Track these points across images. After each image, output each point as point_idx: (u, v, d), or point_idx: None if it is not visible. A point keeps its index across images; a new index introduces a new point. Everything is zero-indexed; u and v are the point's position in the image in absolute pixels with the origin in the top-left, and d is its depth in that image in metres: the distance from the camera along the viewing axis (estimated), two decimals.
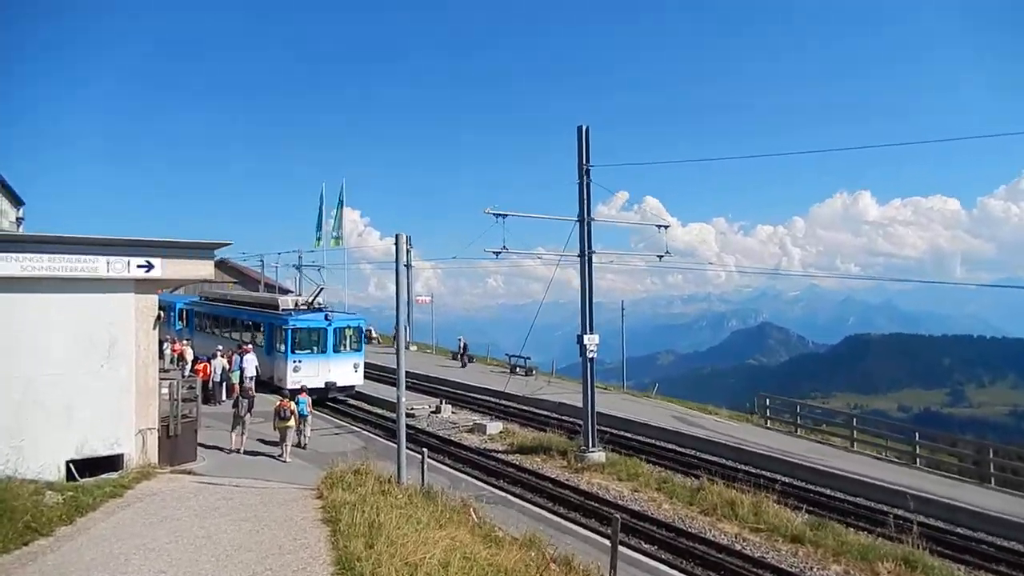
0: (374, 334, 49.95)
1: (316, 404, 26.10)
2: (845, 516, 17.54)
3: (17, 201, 53.86)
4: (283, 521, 9.71)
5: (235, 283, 78.86)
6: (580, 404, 27.82)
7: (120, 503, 11.78)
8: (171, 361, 34.29)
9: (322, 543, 8.28)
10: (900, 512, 17.33)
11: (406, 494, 11.59)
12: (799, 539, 15.47)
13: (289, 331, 26.92)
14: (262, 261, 76.01)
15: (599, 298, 22.51)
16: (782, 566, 14.35)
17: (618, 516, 10.80)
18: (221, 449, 19.48)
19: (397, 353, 13.52)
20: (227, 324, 33.64)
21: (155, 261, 16.42)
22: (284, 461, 18.77)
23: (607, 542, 14.58)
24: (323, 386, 27.06)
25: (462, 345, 40.99)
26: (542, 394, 30.79)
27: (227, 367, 27.26)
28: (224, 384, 26.94)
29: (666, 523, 16.62)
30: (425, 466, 14.19)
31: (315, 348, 27.45)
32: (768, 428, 26.70)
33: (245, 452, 19.31)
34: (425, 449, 15.01)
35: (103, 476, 14.77)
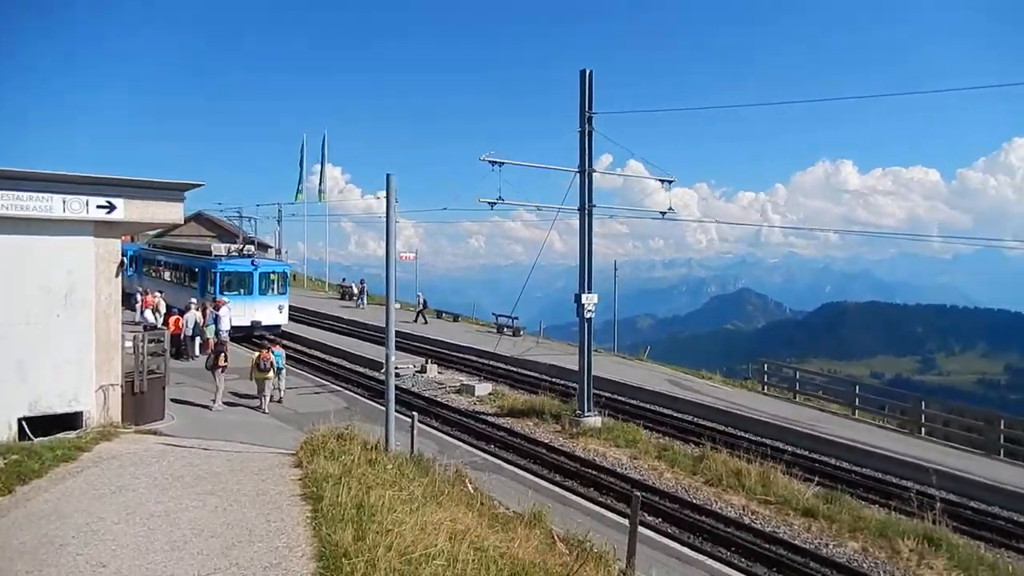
0: (355, 290, 48.53)
1: (242, 340, 28.65)
2: (855, 488, 16.62)
3: None
4: (255, 496, 8.42)
5: (213, 237, 76.70)
6: (572, 366, 26.79)
7: (72, 468, 10.44)
8: (141, 313, 32.81)
9: (301, 527, 6.96)
10: (910, 484, 16.53)
11: (395, 463, 10.36)
12: (812, 513, 14.51)
13: (218, 274, 29.96)
14: (239, 214, 73.73)
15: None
16: (795, 542, 13.42)
17: (638, 495, 9.65)
18: (193, 404, 18.35)
19: (387, 309, 12.16)
20: (171, 269, 36.37)
21: (117, 202, 14.85)
22: (264, 412, 18.36)
23: (613, 515, 13.60)
24: (249, 324, 29.48)
25: (421, 301, 40.83)
26: (531, 355, 29.65)
27: (200, 321, 25.86)
28: (196, 338, 25.57)
29: (669, 493, 15.63)
30: (415, 431, 12.96)
31: (242, 290, 30.23)
32: (766, 394, 25.78)
33: (219, 407, 18.41)
34: (415, 413, 13.76)
35: (59, 436, 13.42)
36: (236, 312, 28.09)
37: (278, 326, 31.24)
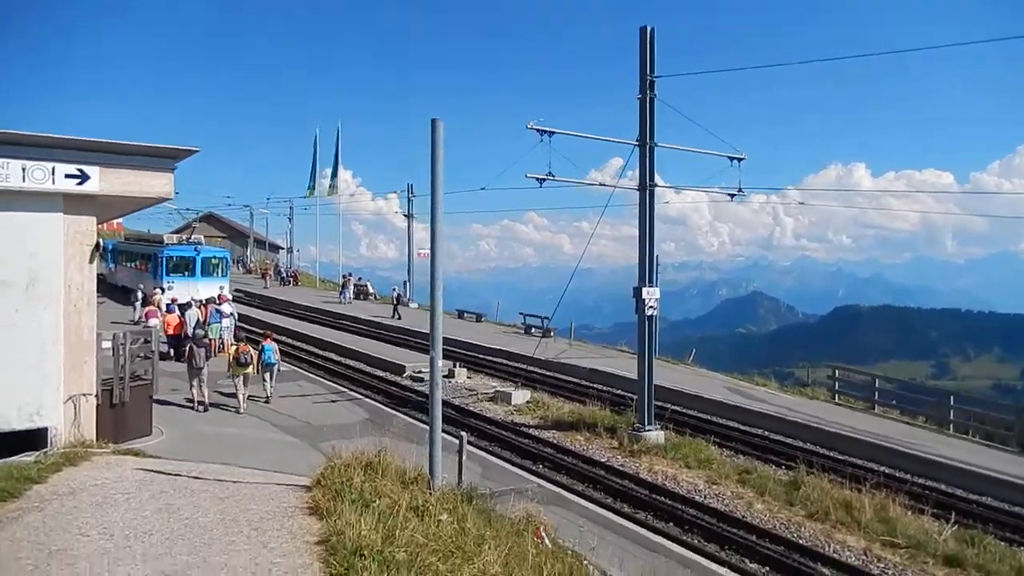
0: (371, 289, 45.96)
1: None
2: (985, 524, 13.64)
3: None
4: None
5: (224, 237, 74.17)
6: (614, 370, 24.06)
7: (8, 512, 7.66)
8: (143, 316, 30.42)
9: None
10: None
11: (450, 510, 7.50)
12: (957, 561, 11.55)
13: (164, 258, 33.91)
14: (251, 212, 71.33)
15: (589, 263, 18.78)
16: None
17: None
18: (187, 408, 15.93)
19: (432, 305, 9.35)
20: (135, 257, 39.65)
21: (91, 170, 12.07)
22: (240, 412, 16.43)
23: (708, 563, 10.74)
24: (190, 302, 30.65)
25: (395, 296, 39.32)
26: (566, 358, 26.75)
27: (201, 319, 23.19)
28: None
29: (768, 531, 12.68)
30: (463, 456, 10.10)
31: (186, 272, 33.94)
32: (838, 404, 22.79)
33: (207, 406, 16.51)
34: (464, 433, 10.90)
35: (12, 460, 10.66)
36: (179, 291, 30.23)
37: None
